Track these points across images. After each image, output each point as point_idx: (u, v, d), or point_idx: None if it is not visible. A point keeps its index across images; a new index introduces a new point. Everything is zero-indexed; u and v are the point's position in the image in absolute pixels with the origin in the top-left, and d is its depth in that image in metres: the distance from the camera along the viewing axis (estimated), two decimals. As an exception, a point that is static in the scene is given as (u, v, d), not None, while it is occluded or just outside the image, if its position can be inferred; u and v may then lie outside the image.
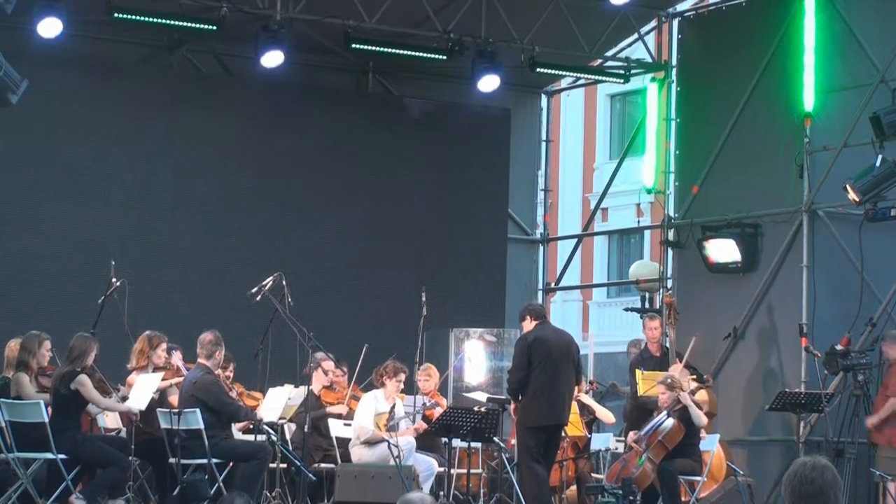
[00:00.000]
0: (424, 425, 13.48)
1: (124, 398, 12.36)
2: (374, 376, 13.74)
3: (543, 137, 19.59)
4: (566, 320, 28.91)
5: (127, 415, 12.43)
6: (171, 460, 12.05)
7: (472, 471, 13.60)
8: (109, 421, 13.12)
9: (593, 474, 14.31)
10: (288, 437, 13.27)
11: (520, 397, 12.54)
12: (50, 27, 14.19)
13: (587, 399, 14.34)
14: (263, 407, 12.92)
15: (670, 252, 17.29)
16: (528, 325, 12.67)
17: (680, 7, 17.75)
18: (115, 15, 14.55)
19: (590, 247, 31.17)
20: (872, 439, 13.44)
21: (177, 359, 12.97)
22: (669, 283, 17.17)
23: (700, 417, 13.05)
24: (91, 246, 15.55)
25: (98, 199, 15.89)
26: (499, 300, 17.90)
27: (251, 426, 12.76)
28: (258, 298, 13.07)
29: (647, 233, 29.72)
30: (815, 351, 14.20)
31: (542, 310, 13.24)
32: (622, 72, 17.75)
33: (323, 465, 13.44)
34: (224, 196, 16.52)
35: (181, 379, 12.69)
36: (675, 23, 17.43)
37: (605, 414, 14.60)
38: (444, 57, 15.98)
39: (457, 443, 12.78)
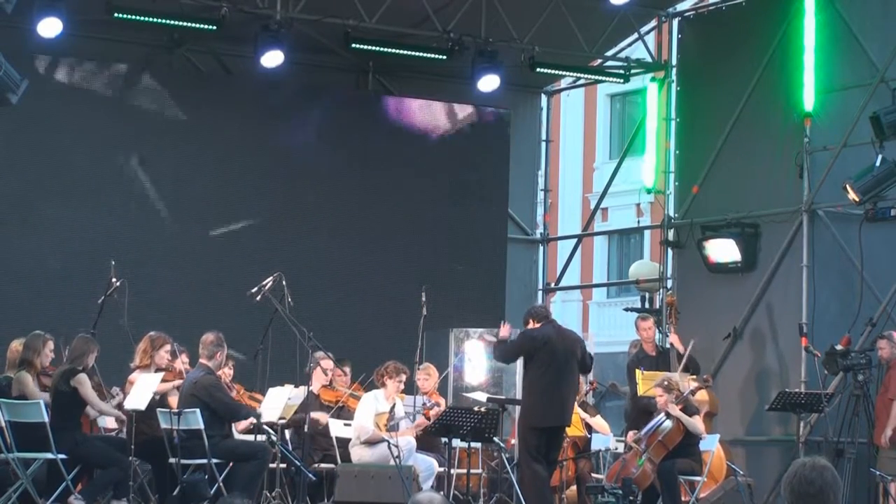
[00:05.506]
0: (427, 421, 13.46)
1: (119, 405, 12.35)
2: (374, 376, 13.73)
3: (543, 137, 19.57)
4: (566, 320, 28.82)
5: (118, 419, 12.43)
6: (171, 460, 12.05)
7: (472, 471, 13.60)
8: (109, 421, 13.11)
9: (593, 474, 14.30)
10: (288, 437, 13.26)
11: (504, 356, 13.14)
12: (50, 27, 14.17)
13: (582, 413, 14.25)
14: (263, 407, 12.91)
15: (670, 252, 17.29)
16: (532, 328, 12.69)
17: (680, 7, 17.74)
18: (115, 15, 14.54)
19: (590, 247, 31.15)
20: (875, 441, 13.43)
21: (180, 363, 12.90)
22: (669, 283, 17.18)
23: (695, 426, 13.03)
24: (91, 245, 15.54)
25: (98, 199, 15.88)
26: (499, 300, 17.87)
27: (252, 426, 12.76)
28: (258, 298, 13.07)
29: (647, 233, 29.70)
30: (816, 351, 14.20)
31: (546, 311, 13.14)
32: (622, 72, 17.73)
33: (323, 465, 13.44)
34: (224, 196, 16.50)
35: (181, 382, 12.67)
36: (675, 23, 17.43)
37: (601, 426, 14.59)
38: (444, 57, 15.96)
39: (457, 443, 12.78)
